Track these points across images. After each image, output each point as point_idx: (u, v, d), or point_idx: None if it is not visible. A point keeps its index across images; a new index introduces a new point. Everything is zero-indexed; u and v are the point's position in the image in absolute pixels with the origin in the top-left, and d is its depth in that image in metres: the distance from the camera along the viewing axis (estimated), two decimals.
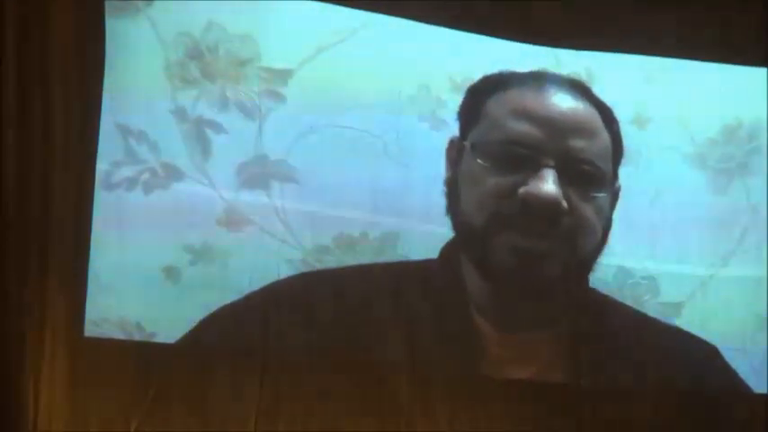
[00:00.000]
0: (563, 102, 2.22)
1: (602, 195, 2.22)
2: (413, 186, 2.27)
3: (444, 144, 2.26)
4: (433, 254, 2.27)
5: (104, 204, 2.17)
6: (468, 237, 2.22)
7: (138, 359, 2.17)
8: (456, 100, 2.27)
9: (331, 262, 2.23)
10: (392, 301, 2.25)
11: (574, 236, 2.18)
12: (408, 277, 2.26)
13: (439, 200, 2.25)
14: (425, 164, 2.26)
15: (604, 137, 2.23)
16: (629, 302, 2.36)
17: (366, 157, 2.25)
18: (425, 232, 2.26)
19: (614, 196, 2.28)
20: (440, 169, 2.25)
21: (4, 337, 2.11)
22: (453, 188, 2.23)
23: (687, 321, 2.38)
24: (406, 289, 2.26)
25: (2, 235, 2.11)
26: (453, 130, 2.26)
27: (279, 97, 2.22)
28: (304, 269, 2.23)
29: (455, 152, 2.25)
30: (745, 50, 2.43)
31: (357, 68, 2.25)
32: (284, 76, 2.23)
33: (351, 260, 2.24)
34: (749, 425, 2.39)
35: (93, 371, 2.15)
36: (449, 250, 2.26)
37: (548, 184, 2.13)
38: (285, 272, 2.22)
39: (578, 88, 2.27)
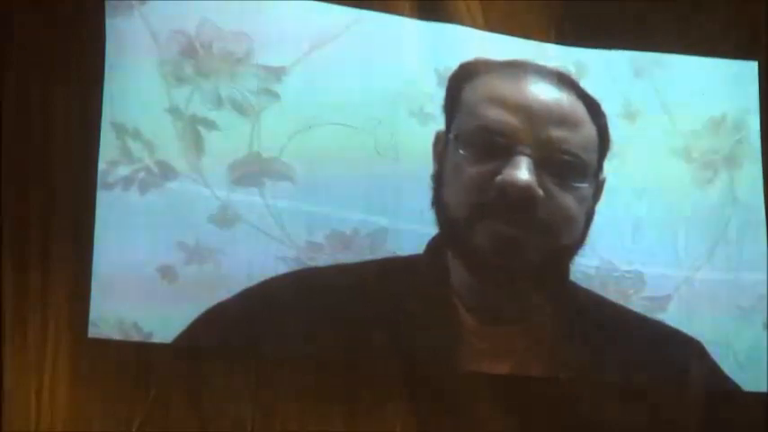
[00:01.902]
0: (545, 92, 2.22)
1: (584, 186, 2.21)
2: (404, 183, 2.25)
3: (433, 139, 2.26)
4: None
5: (102, 204, 2.16)
6: (452, 228, 2.21)
7: (138, 359, 2.16)
8: (442, 94, 2.26)
9: (324, 260, 2.22)
10: (382, 298, 2.23)
11: (553, 224, 2.18)
12: (397, 272, 2.24)
13: (429, 195, 2.24)
14: (416, 160, 2.25)
15: (589, 129, 2.23)
16: (612, 296, 2.34)
17: (358, 153, 2.24)
18: (416, 228, 2.25)
19: (598, 188, 2.27)
20: (430, 164, 2.25)
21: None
22: (439, 181, 2.23)
23: (673, 317, 2.36)
24: (396, 285, 2.24)
25: (2, 235, 2.11)
26: (441, 124, 2.26)
27: (272, 95, 2.22)
28: (297, 267, 2.21)
29: (441, 145, 2.24)
30: (737, 44, 2.43)
31: (349, 65, 2.25)
32: (278, 73, 2.22)
33: (344, 258, 2.22)
34: (747, 425, 2.35)
35: (95, 371, 2.15)
36: (435, 244, 2.25)
37: (520, 172, 2.13)
38: (278, 270, 2.20)
39: (564, 80, 2.26)
